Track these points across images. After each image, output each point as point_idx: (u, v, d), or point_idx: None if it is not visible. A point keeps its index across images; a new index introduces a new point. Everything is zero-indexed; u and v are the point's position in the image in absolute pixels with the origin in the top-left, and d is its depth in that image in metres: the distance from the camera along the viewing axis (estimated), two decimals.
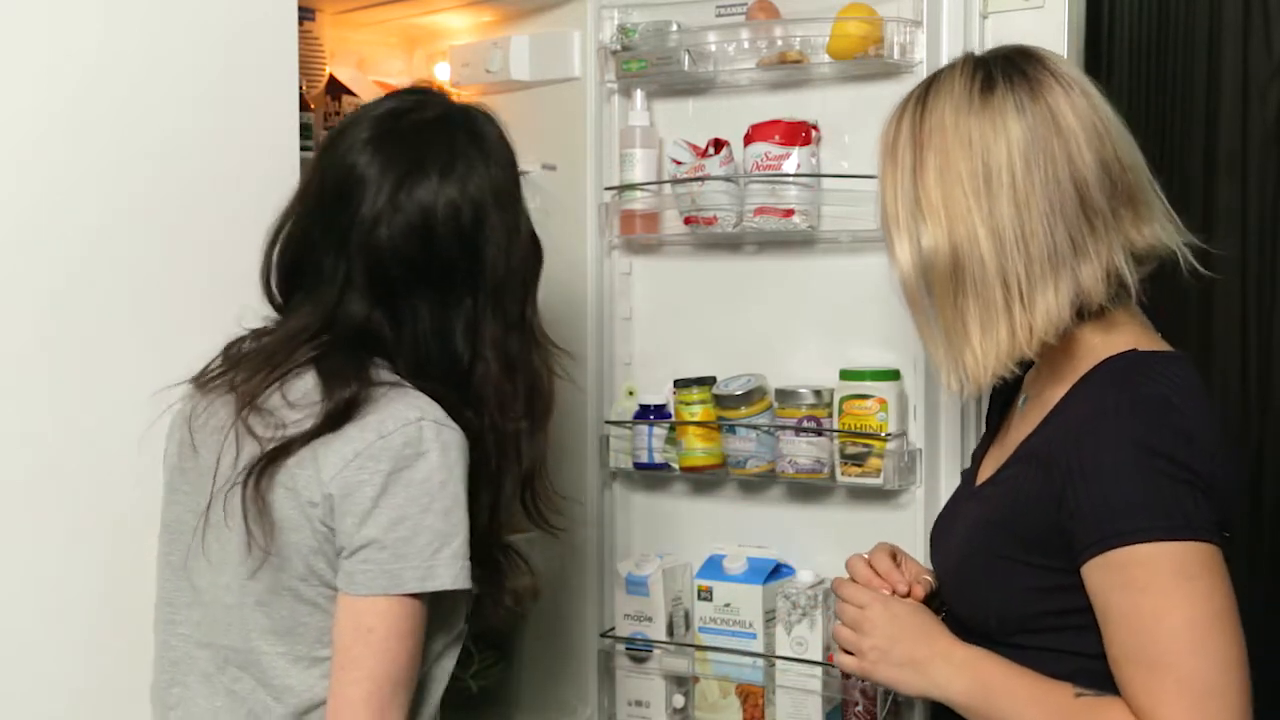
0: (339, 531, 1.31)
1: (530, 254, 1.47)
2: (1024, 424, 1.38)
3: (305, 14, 1.99)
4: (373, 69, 2.33)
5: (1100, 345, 1.31)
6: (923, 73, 1.85)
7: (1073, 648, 1.27)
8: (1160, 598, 1.18)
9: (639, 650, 2.07)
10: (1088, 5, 1.90)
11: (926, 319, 1.33)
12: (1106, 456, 1.21)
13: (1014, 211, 1.26)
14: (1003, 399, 1.52)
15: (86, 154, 1.55)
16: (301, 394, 1.36)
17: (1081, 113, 1.29)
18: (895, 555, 1.48)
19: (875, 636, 1.38)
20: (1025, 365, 1.36)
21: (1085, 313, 1.29)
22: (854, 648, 1.40)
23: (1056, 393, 1.33)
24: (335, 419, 1.32)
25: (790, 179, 1.94)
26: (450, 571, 1.29)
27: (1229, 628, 1.19)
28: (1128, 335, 1.31)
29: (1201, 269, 1.34)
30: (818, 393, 1.94)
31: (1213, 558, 1.19)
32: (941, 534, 1.49)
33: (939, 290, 1.29)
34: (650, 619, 2.05)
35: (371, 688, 1.28)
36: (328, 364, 1.36)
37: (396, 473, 1.29)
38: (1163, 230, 1.31)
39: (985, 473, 1.42)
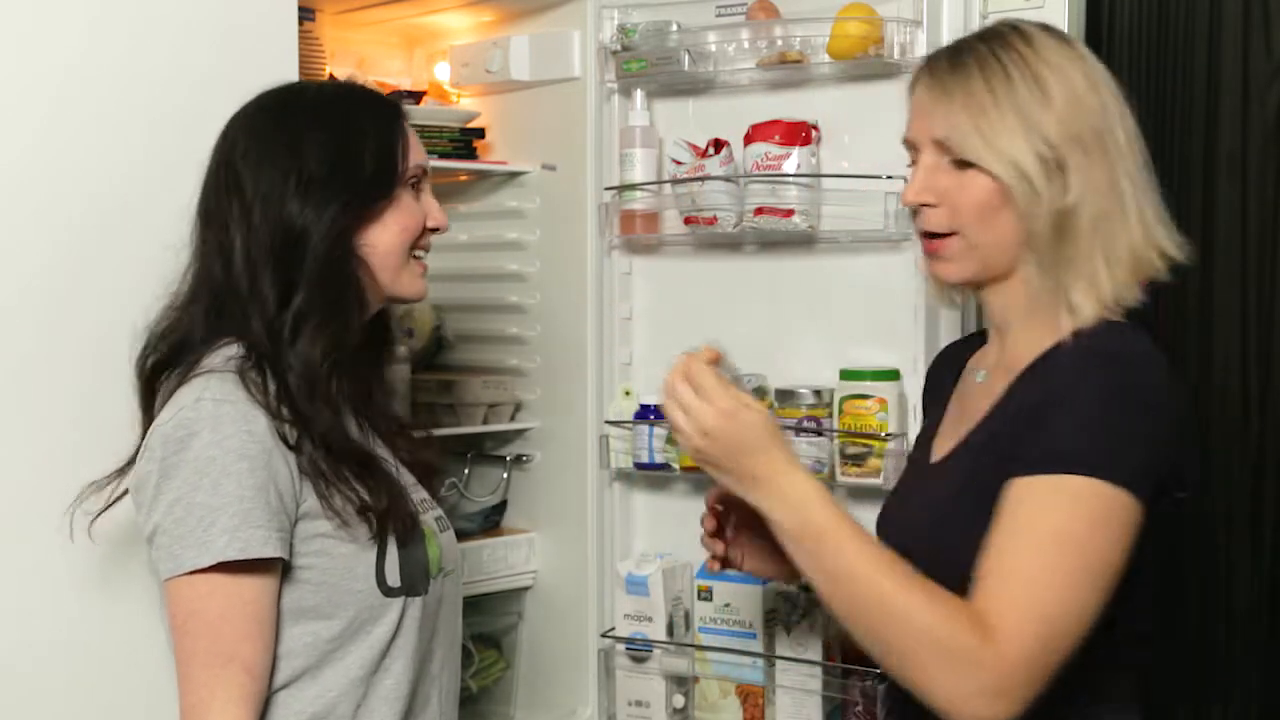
0: (139, 525, 1.33)
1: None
2: (987, 395, 1.38)
3: (305, 14, 1.98)
4: (373, 69, 2.33)
5: (1067, 316, 1.32)
6: None
7: None
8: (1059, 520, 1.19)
9: (639, 650, 2.07)
10: (1088, 5, 1.90)
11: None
12: (1079, 396, 1.23)
13: (1122, 165, 1.31)
14: (937, 391, 1.53)
15: (84, 155, 1.56)
16: None
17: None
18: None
19: (718, 444, 1.30)
20: (973, 347, 1.47)
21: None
22: (690, 447, 1.32)
23: (1028, 353, 1.33)
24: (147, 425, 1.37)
25: (790, 179, 1.94)
26: (221, 541, 1.26)
27: (1100, 579, 1.20)
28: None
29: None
30: (818, 393, 1.94)
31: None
32: (896, 512, 1.47)
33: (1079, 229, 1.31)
34: (650, 619, 2.05)
35: (181, 671, 1.29)
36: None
37: (170, 458, 1.29)
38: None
39: (942, 450, 1.42)
